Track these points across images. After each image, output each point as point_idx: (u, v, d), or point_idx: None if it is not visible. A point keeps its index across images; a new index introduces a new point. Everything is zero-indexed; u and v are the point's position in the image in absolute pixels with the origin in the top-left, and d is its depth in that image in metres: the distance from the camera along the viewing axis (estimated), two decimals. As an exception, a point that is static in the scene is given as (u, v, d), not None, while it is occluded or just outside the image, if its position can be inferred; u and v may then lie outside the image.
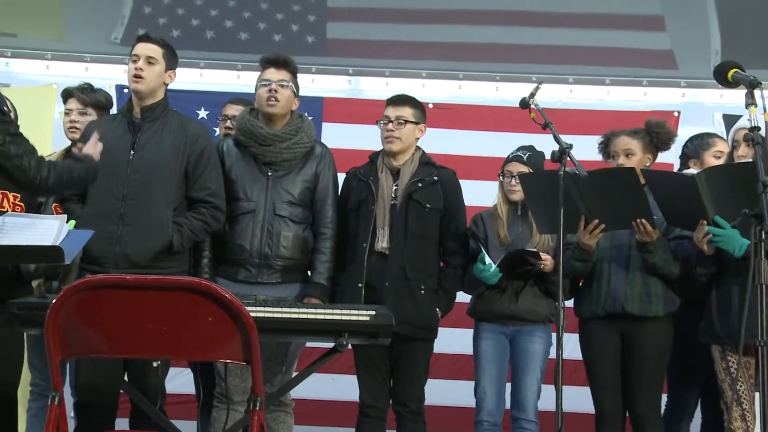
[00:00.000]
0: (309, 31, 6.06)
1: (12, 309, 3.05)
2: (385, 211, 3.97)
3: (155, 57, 3.79)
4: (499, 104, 5.69)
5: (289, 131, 3.97)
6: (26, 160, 2.96)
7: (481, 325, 4.14)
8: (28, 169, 2.97)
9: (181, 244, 3.73)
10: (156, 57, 3.79)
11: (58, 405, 2.68)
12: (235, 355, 2.72)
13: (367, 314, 3.14)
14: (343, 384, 4.91)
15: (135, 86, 3.78)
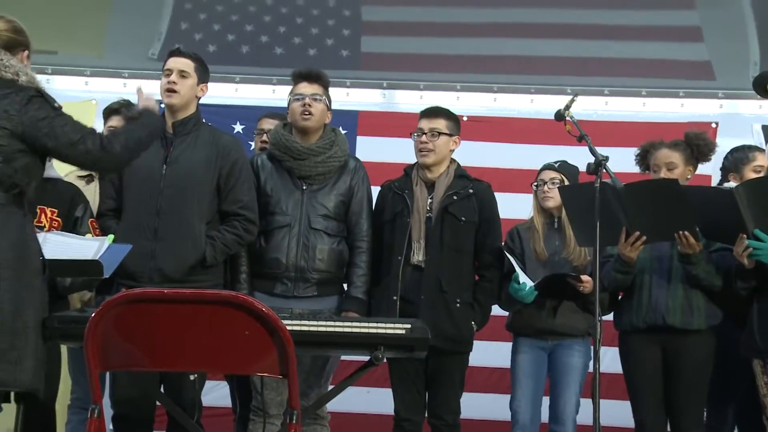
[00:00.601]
0: (343, 45, 6.09)
1: (52, 322, 3.08)
2: (421, 224, 3.97)
3: (187, 71, 3.81)
4: (534, 116, 5.67)
5: (323, 145, 3.98)
6: (89, 141, 2.95)
7: (520, 340, 4.12)
8: (92, 148, 2.95)
9: (214, 258, 3.75)
10: (188, 71, 3.82)
11: (97, 418, 2.70)
12: (272, 369, 2.73)
13: (403, 327, 3.13)
14: (379, 397, 4.89)
15: (169, 100, 3.81)
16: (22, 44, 3.05)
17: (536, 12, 6.08)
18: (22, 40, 3.06)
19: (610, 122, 5.62)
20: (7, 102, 2.89)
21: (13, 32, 3.03)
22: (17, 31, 3.05)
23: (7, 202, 2.89)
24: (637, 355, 3.90)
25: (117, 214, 3.82)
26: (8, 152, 2.89)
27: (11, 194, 2.91)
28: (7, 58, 2.97)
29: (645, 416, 3.86)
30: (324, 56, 6.04)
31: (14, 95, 2.91)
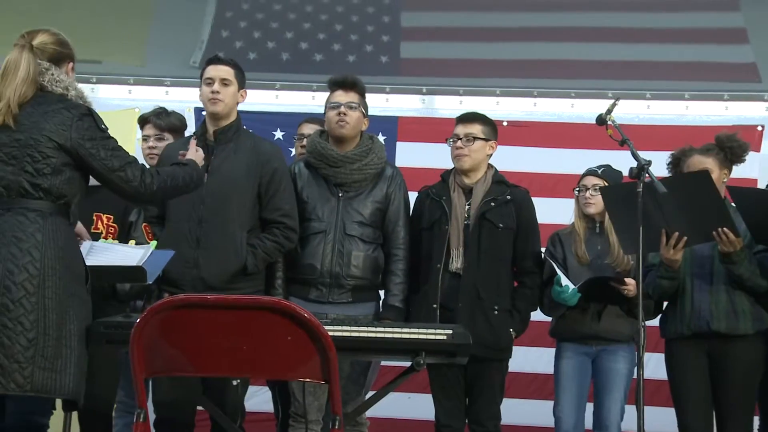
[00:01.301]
0: (383, 51, 6.12)
1: (98, 328, 3.12)
2: (459, 231, 3.95)
3: (229, 78, 3.83)
4: (575, 121, 5.63)
5: (359, 153, 3.98)
6: (129, 171, 3.02)
7: (564, 345, 4.09)
8: (132, 179, 3.02)
9: (255, 266, 3.77)
10: (230, 78, 3.83)
11: (143, 422, 2.73)
12: (314, 374, 2.74)
13: (444, 333, 3.12)
14: (419, 403, 4.89)
15: (213, 109, 3.82)
16: (67, 57, 3.10)
17: (576, 16, 6.06)
18: (67, 53, 3.11)
19: (653, 126, 5.56)
20: (58, 118, 2.95)
21: (59, 45, 3.08)
22: (62, 43, 3.09)
23: (54, 212, 2.95)
24: (683, 362, 3.85)
25: (161, 221, 3.86)
26: (56, 165, 2.95)
27: (58, 204, 2.96)
28: (57, 73, 3.02)
29: (691, 423, 3.80)
30: (363, 62, 6.06)
31: (66, 111, 2.96)
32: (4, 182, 2.92)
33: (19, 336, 2.80)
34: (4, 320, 2.80)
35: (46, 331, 2.84)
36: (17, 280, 2.82)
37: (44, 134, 2.92)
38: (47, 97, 2.99)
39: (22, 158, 2.91)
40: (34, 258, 2.85)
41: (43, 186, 2.93)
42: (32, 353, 2.81)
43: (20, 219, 2.88)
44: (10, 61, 2.98)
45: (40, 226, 2.89)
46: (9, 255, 2.84)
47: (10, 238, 2.85)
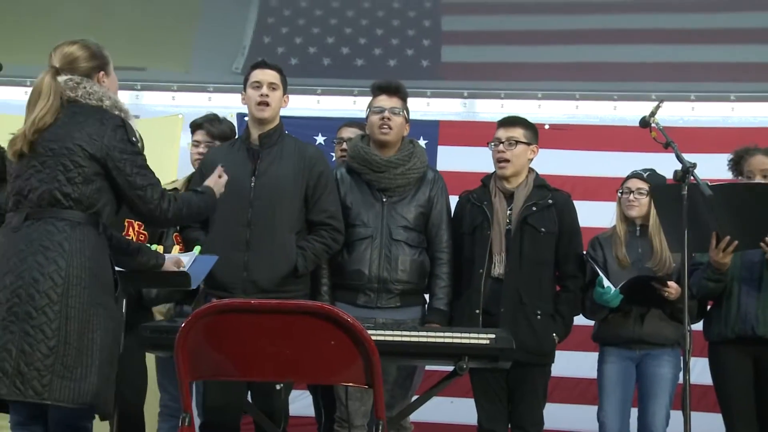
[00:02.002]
0: (424, 55, 6.11)
1: (144, 332, 3.15)
2: (501, 236, 3.93)
3: (276, 82, 3.86)
4: (618, 124, 5.60)
5: (402, 157, 3.99)
6: (149, 192, 3.04)
7: (606, 350, 4.07)
8: (150, 200, 3.04)
9: (305, 268, 3.79)
10: (276, 82, 3.86)
11: (188, 426, 2.75)
12: (358, 379, 2.75)
13: (487, 337, 3.11)
14: (462, 407, 4.87)
15: (261, 114, 3.84)
16: (98, 67, 3.12)
17: (618, 17, 6.00)
18: (98, 63, 3.12)
19: (698, 128, 5.50)
20: (92, 128, 2.98)
21: (90, 59, 3.10)
22: (92, 56, 3.11)
23: (84, 222, 2.97)
24: (727, 366, 3.81)
25: (203, 226, 3.88)
26: (87, 174, 2.97)
27: (88, 214, 2.98)
28: (90, 85, 3.05)
29: (737, 429, 3.75)
30: (404, 67, 6.06)
31: (99, 122, 3.00)
32: (37, 192, 2.95)
33: (39, 344, 2.82)
34: (27, 327, 2.82)
35: (68, 339, 2.84)
36: (41, 289, 2.85)
37: (76, 143, 2.95)
38: (83, 109, 3.02)
39: (54, 167, 2.95)
40: (60, 267, 2.87)
41: (74, 195, 2.95)
42: (52, 361, 2.82)
43: (49, 228, 2.91)
44: (36, 86, 3.03)
45: (67, 236, 2.91)
46: (35, 263, 2.86)
47: (38, 247, 2.88)
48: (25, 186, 2.97)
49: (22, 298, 2.83)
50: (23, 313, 2.82)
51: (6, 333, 2.82)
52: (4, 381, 2.80)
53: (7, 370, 2.79)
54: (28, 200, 2.96)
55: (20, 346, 2.80)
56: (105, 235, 3.04)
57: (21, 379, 2.79)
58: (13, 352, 2.80)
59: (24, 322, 2.82)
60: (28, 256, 2.87)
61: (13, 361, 2.80)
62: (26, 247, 2.89)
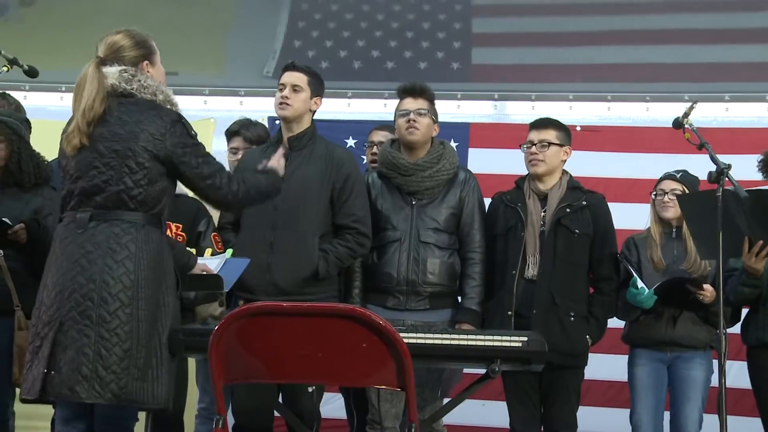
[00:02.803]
0: (454, 57, 6.11)
1: (177, 335, 3.18)
2: (535, 237, 3.92)
3: (300, 84, 3.85)
4: (650, 125, 5.56)
5: (430, 160, 3.98)
6: (218, 179, 3.07)
7: (637, 351, 4.03)
8: (221, 186, 3.08)
9: (326, 271, 3.79)
10: (301, 84, 3.85)
11: (222, 428, 2.77)
12: (390, 381, 2.74)
13: (519, 340, 3.10)
14: (494, 410, 4.86)
15: (281, 113, 3.86)
16: (143, 56, 3.12)
17: (650, 18, 5.97)
18: (144, 53, 3.12)
19: (732, 129, 5.44)
20: (153, 126, 2.99)
21: (135, 48, 3.10)
22: (138, 44, 3.11)
23: (147, 223, 3.00)
24: (765, 371, 3.75)
25: (235, 227, 3.91)
26: (153, 175, 3.00)
27: (150, 215, 3.01)
28: (144, 78, 3.05)
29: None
30: (434, 69, 6.07)
31: (158, 119, 3.01)
32: (104, 194, 2.97)
33: (115, 347, 2.86)
34: (102, 331, 2.87)
35: (139, 341, 2.90)
36: (113, 292, 2.89)
37: (140, 144, 2.96)
38: (139, 103, 3.02)
39: (119, 169, 2.96)
40: (128, 269, 2.91)
41: (140, 197, 2.98)
42: (127, 364, 2.87)
43: (115, 230, 2.94)
44: (80, 78, 3.04)
45: (133, 237, 2.94)
46: (105, 266, 2.90)
47: (106, 250, 2.91)
48: (90, 187, 2.98)
49: (95, 302, 2.88)
50: (97, 316, 2.87)
51: (82, 337, 2.87)
52: (83, 384, 2.84)
53: (85, 373, 2.85)
54: (93, 201, 2.98)
55: (97, 349, 2.85)
56: (165, 235, 3.08)
57: (99, 383, 2.84)
58: (90, 355, 2.85)
59: (99, 326, 2.87)
60: (97, 259, 2.91)
61: (90, 365, 2.85)
62: (94, 248, 2.92)
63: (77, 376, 2.84)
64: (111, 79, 3.02)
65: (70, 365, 2.85)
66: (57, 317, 2.90)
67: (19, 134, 3.92)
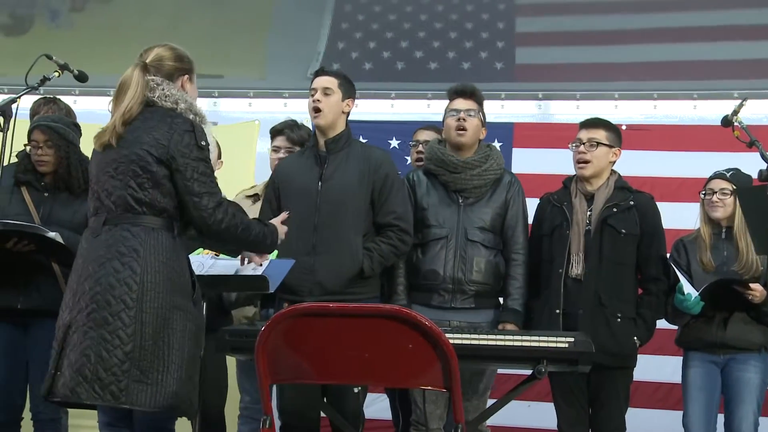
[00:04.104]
0: (498, 57, 6.09)
1: (224, 336, 3.20)
2: (580, 236, 3.90)
3: (331, 87, 3.87)
4: (698, 123, 5.49)
5: (478, 159, 3.99)
6: (205, 200, 3.02)
7: (690, 354, 3.99)
8: (204, 208, 3.01)
9: (371, 269, 3.80)
10: (332, 87, 3.87)
11: (269, 428, 2.78)
12: (436, 382, 2.74)
13: (566, 341, 3.08)
14: (539, 411, 4.84)
15: (315, 122, 3.88)
16: (182, 70, 3.15)
17: (697, 15, 5.89)
18: (184, 67, 3.16)
19: (783, 126, 5.35)
20: (159, 132, 3.01)
21: (175, 60, 3.13)
22: (179, 58, 3.15)
23: (158, 226, 3.00)
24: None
25: None
26: (157, 178, 3.00)
27: (161, 218, 3.02)
28: (168, 88, 3.08)
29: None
30: (478, 69, 6.05)
31: (168, 126, 3.02)
32: (113, 197, 3.00)
33: (116, 349, 2.87)
34: (104, 333, 2.87)
35: (143, 344, 2.89)
36: (117, 294, 2.90)
37: (144, 148, 2.98)
38: (156, 113, 3.05)
39: (126, 173, 2.99)
40: (135, 272, 2.91)
41: (145, 200, 2.98)
42: (128, 366, 2.87)
43: (124, 234, 2.95)
44: (123, 79, 3.07)
45: (141, 241, 2.94)
46: (112, 269, 2.92)
47: (114, 253, 2.93)
48: (102, 191, 3.02)
49: (100, 304, 2.89)
50: (100, 318, 2.88)
51: (86, 339, 2.89)
52: (84, 386, 2.86)
53: (86, 375, 2.86)
54: (105, 206, 3.01)
55: (98, 351, 2.86)
56: (180, 239, 3.06)
57: (99, 384, 2.85)
58: (91, 357, 2.86)
59: (101, 328, 2.87)
60: (105, 262, 2.93)
61: (92, 366, 2.86)
62: (104, 252, 2.95)
63: (78, 377, 2.87)
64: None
65: (73, 367, 2.88)
66: (68, 320, 2.95)
67: (68, 139, 3.97)
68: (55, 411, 3.90)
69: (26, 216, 3.86)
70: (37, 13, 6.58)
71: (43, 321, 3.80)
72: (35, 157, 3.92)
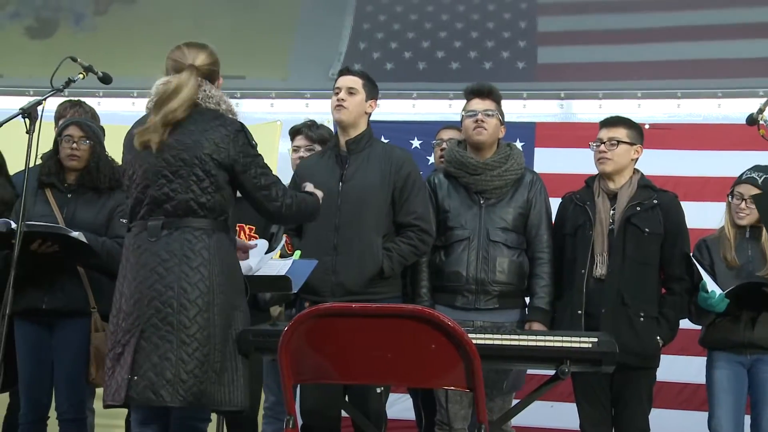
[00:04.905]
0: (519, 57, 6.07)
1: (247, 336, 3.22)
2: (603, 236, 3.88)
3: (355, 87, 3.88)
4: (722, 122, 5.45)
5: (498, 159, 3.98)
6: (274, 190, 3.14)
7: (715, 354, 3.94)
8: (276, 198, 3.14)
9: (391, 269, 3.80)
10: (356, 87, 3.88)
11: (292, 428, 2.80)
12: (459, 382, 2.74)
13: (589, 341, 3.06)
14: (562, 411, 4.82)
15: (338, 116, 3.89)
16: (218, 73, 3.23)
17: (721, 13, 5.84)
18: (218, 70, 3.24)
19: (809, 124, 5.29)
20: (217, 135, 3.07)
21: (214, 64, 3.21)
22: (216, 62, 3.22)
23: (217, 229, 3.07)
24: None
25: (298, 232, 3.96)
26: (219, 182, 3.07)
27: (219, 221, 3.09)
28: (209, 88, 3.14)
29: None
30: (499, 69, 6.03)
31: (222, 128, 3.08)
32: (173, 202, 3.05)
33: (195, 352, 2.95)
34: (182, 336, 2.95)
35: (215, 346, 2.98)
36: (191, 298, 2.97)
37: (206, 152, 3.04)
38: (203, 114, 3.10)
39: (187, 177, 3.04)
40: (203, 275, 2.99)
41: (208, 204, 3.05)
42: (206, 368, 2.96)
43: (188, 237, 3.02)
44: (179, 83, 3.09)
45: (206, 244, 3.02)
46: (182, 274, 2.98)
47: (181, 257, 2.99)
48: (159, 195, 3.06)
49: (175, 308, 2.96)
50: (178, 322, 2.95)
51: (164, 342, 2.95)
52: (167, 388, 2.93)
53: (169, 377, 2.93)
54: (163, 209, 3.06)
55: (179, 354, 2.94)
56: (233, 240, 3.15)
57: (182, 386, 2.93)
58: (172, 360, 2.94)
59: (180, 332, 2.95)
60: (173, 267, 2.99)
61: (174, 369, 2.93)
62: (169, 257, 3.00)
63: (162, 380, 2.93)
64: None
65: (154, 370, 2.94)
66: (138, 324, 2.98)
67: (100, 140, 4.07)
68: (81, 410, 3.94)
69: (51, 217, 3.90)
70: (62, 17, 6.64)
71: (68, 321, 3.85)
72: (68, 151, 3.97)
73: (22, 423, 3.90)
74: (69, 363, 3.85)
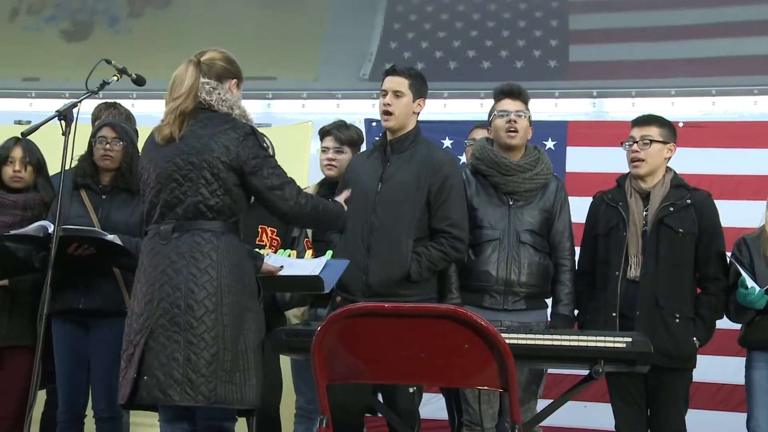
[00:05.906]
0: (551, 55, 6.04)
1: (279, 336, 3.23)
2: (638, 237, 3.85)
3: (401, 89, 3.86)
4: (758, 119, 5.39)
5: (530, 162, 3.96)
6: (287, 190, 3.14)
7: (754, 354, 3.90)
8: (290, 197, 3.14)
9: (419, 274, 3.78)
10: (402, 89, 3.86)
11: (326, 428, 2.81)
12: (492, 382, 2.73)
13: (623, 341, 3.04)
14: (596, 412, 4.79)
15: (385, 124, 3.89)
16: (231, 74, 3.25)
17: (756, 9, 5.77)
18: (232, 70, 3.25)
19: None
20: (226, 138, 3.10)
21: (225, 62, 3.23)
22: (229, 61, 3.25)
23: (227, 230, 3.09)
24: None
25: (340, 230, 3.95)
26: (228, 185, 3.09)
27: (229, 223, 3.11)
28: (223, 92, 3.17)
29: None
30: (531, 68, 6.01)
31: (232, 131, 3.11)
32: (183, 205, 3.08)
33: (203, 351, 2.97)
34: (189, 337, 2.97)
35: (225, 345, 2.99)
36: (198, 299, 2.99)
37: (215, 155, 3.07)
38: (214, 117, 3.13)
39: (197, 180, 3.07)
40: (212, 277, 3.01)
41: (217, 207, 3.07)
42: (214, 368, 2.97)
43: (197, 239, 3.04)
44: (177, 74, 3.15)
45: (214, 246, 3.04)
46: (190, 275, 3.01)
47: (189, 259, 3.02)
48: (171, 199, 3.09)
49: (182, 309, 2.99)
50: (185, 323, 2.98)
51: (172, 343, 2.98)
52: (176, 388, 2.96)
53: (177, 377, 2.96)
54: (174, 213, 3.09)
55: (186, 354, 2.97)
56: (244, 242, 3.16)
57: (191, 386, 2.96)
58: (180, 360, 2.97)
59: (187, 332, 2.98)
60: (182, 268, 3.01)
61: (181, 369, 2.96)
62: (178, 258, 3.03)
63: (170, 380, 2.96)
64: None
65: (162, 370, 2.97)
66: (147, 325, 3.02)
67: (133, 141, 4.11)
68: (117, 409, 3.98)
69: (86, 218, 3.94)
70: (97, 20, 6.71)
71: (103, 321, 3.89)
72: (101, 152, 4.02)
73: (61, 421, 3.95)
74: (105, 362, 3.89)
